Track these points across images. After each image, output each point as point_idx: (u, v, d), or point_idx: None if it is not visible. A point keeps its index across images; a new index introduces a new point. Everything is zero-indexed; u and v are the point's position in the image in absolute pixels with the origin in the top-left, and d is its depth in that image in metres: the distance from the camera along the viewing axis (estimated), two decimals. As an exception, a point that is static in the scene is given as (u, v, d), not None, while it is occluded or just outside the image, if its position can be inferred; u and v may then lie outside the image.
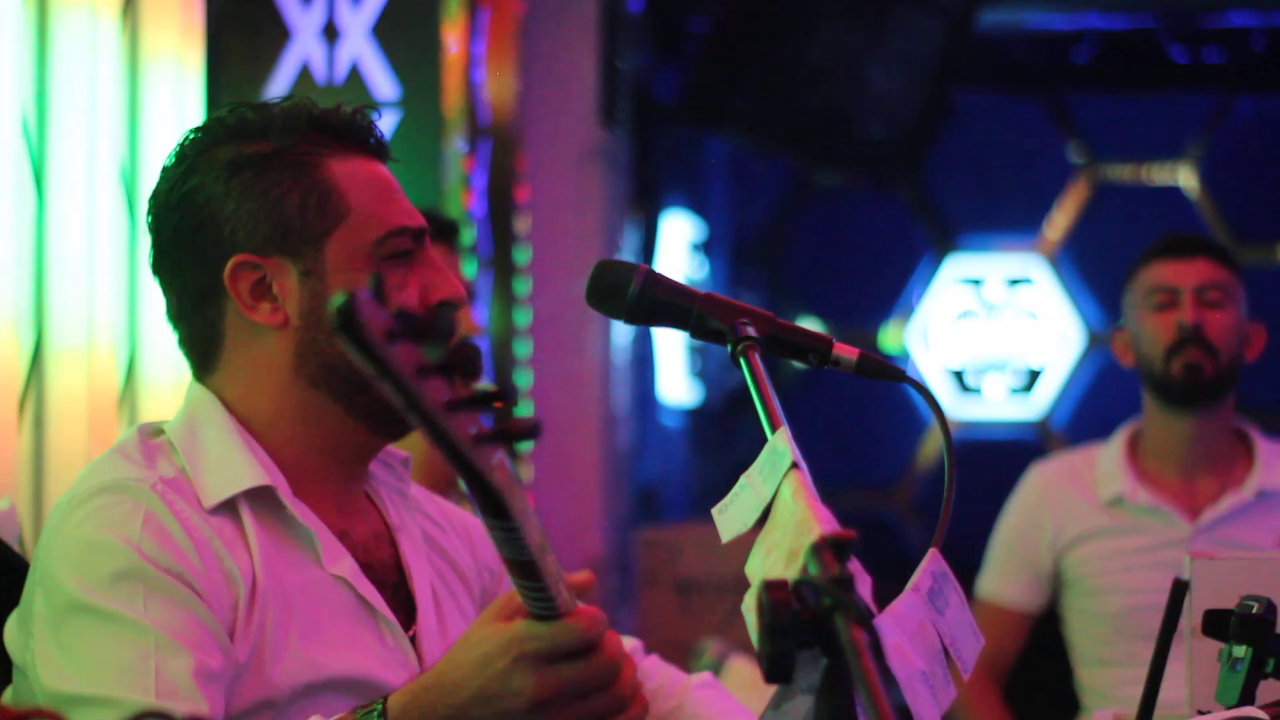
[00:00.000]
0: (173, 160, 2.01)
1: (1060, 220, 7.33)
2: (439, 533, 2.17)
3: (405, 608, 2.02)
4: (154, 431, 2.01)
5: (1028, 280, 7.39)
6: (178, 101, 3.49)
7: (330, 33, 4.12)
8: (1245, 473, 3.53)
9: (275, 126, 1.99)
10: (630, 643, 2.29)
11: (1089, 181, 7.32)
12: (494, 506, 1.47)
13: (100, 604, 1.82)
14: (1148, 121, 7.27)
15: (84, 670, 1.81)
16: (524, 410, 2.10)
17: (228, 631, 1.87)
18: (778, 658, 1.47)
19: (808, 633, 1.48)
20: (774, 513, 1.76)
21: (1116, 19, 6.83)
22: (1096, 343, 7.27)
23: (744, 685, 4.25)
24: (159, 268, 2.03)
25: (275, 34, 4.09)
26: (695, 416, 7.13)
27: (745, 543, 1.82)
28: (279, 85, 4.11)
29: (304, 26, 4.10)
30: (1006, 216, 7.39)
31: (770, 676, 1.48)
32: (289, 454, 1.99)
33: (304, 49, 4.10)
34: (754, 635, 1.52)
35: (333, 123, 2.01)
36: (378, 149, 2.05)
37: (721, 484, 1.88)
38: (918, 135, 6.07)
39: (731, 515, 1.83)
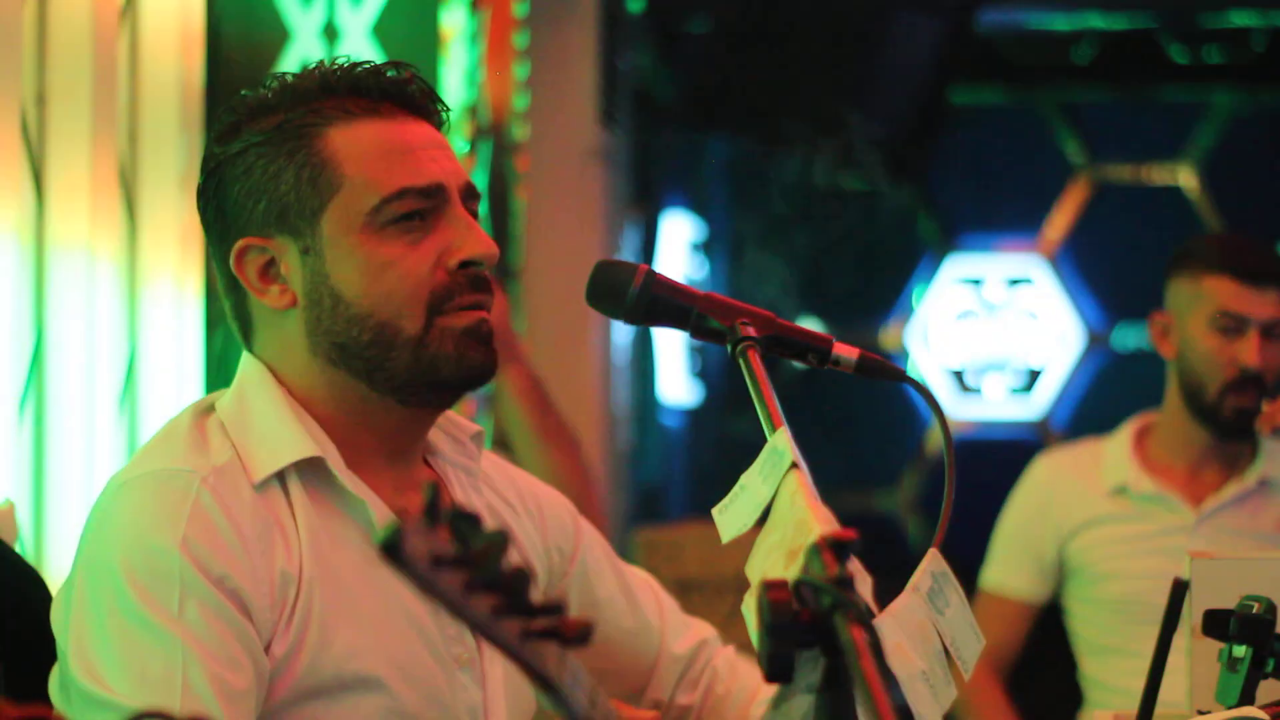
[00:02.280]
0: (205, 147, 1.99)
1: (1060, 220, 7.32)
2: (508, 513, 2.10)
3: None
4: (205, 409, 1.96)
5: (1028, 280, 7.38)
6: (178, 102, 3.49)
7: (330, 33, 4.11)
8: (1249, 462, 3.54)
9: (286, 100, 1.94)
10: (705, 631, 2.27)
11: (1089, 181, 7.32)
12: (546, 687, 1.45)
13: (137, 605, 1.80)
14: (1148, 121, 7.27)
15: (113, 673, 1.79)
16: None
17: (270, 632, 1.84)
18: (778, 658, 1.47)
19: (808, 633, 1.48)
20: (774, 513, 1.76)
21: (1116, 19, 6.83)
22: (1096, 343, 7.26)
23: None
24: (209, 253, 2.01)
25: (275, 34, 4.08)
26: (695, 416, 7.13)
27: (745, 543, 1.81)
28: (279, 85, 4.11)
29: (304, 26, 4.09)
30: (1006, 216, 7.39)
31: (770, 676, 1.48)
32: (336, 429, 1.94)
33: (304, 49, 4.09)
34: (754, 635, 1.52)
35: (340, 85, 1.94)
36: (408, 105, 1.96)
37: (721, 484, 1.87)
38: (918, 135, 6.07)
39: (731, 515, 1.83)
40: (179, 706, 1.76)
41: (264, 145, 1.93)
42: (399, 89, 1.96)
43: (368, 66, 1.96)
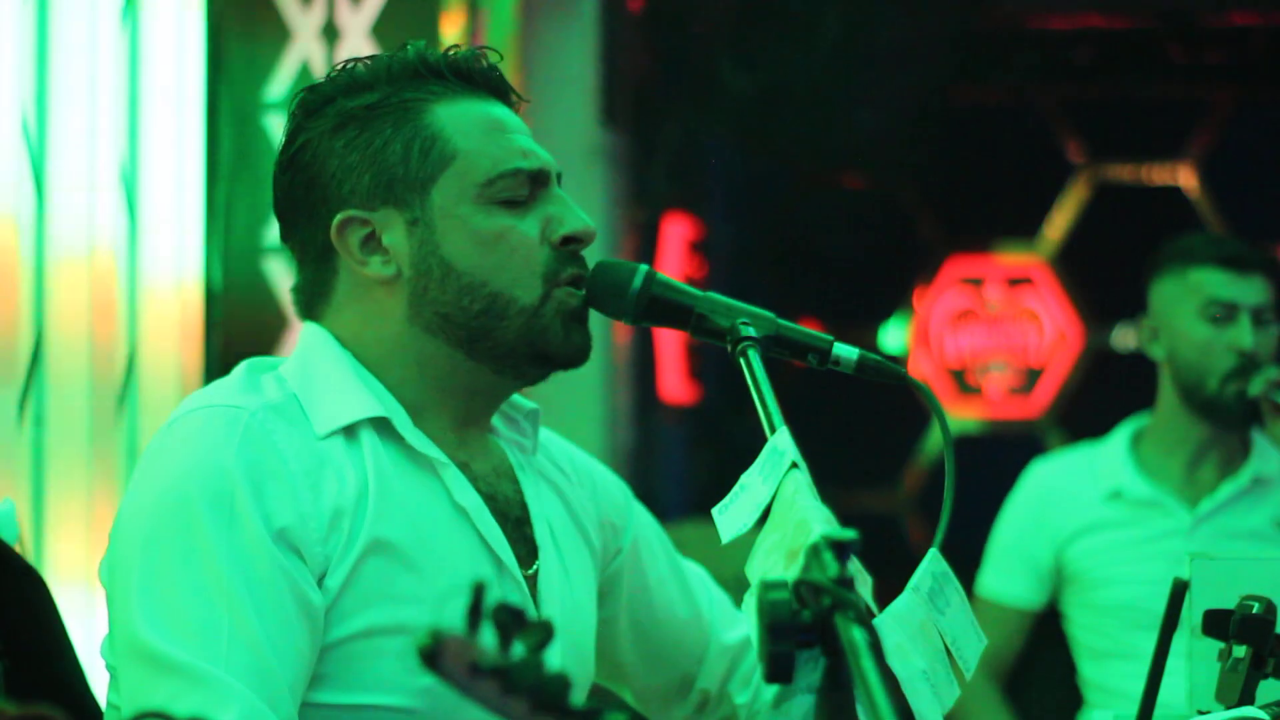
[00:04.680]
0: (287, 121, 2.01)
1: (1060, 220, 7.32)
2: (561, 479, 2.13)
3: (527, 545, 2.00)
4: (265, 366, 1.98)
5: (1028, 280, 7.38)
6: (178, 102, 3.49)
7: (330, 33, 4.12)
8: (1243, 459, 3.55)
9: (381, 77, 1.97)
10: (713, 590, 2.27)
11: (1089, 181, 7.32)
12: None
13: (183, 545, 1.80)
14: (1148, 121, 7.26)
15: (162, 619, 1.79)
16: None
17: (323, 565, 1.85)
18: (778, 658, 1.47)
19: (808, 633, 1.48)
20: (774, 513, 1.76)
21: (1116, 19, 6.83)
22: (1096, 343, 7.26)
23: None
24: (280, 228, 2.03)
25: (275, 34, 4.08)
26: (695, 416, 7.13)
27: (745, 543, 1.81)
28: (279, 85, 4.11)
29: (304, 26, 4.09)
30: (1006, 216, 7.39)
31: (770, 676, 1.48)
32: (404, 391, 1.97)
33: (304, 49, 4.09)
34: (754, 635, 1.52)
35: (437, 66, 1.99)
36: (496, 89, 2.02)
37: (721, 484, 1.88)
38: (917, 135, 6.07)
39: (731, 515, 1.83)
40: (222, 658, 1.76)
41: (365, 119, 1.96)
42: (489, 75, 2.01)
43: (463, 51, 2.01)
